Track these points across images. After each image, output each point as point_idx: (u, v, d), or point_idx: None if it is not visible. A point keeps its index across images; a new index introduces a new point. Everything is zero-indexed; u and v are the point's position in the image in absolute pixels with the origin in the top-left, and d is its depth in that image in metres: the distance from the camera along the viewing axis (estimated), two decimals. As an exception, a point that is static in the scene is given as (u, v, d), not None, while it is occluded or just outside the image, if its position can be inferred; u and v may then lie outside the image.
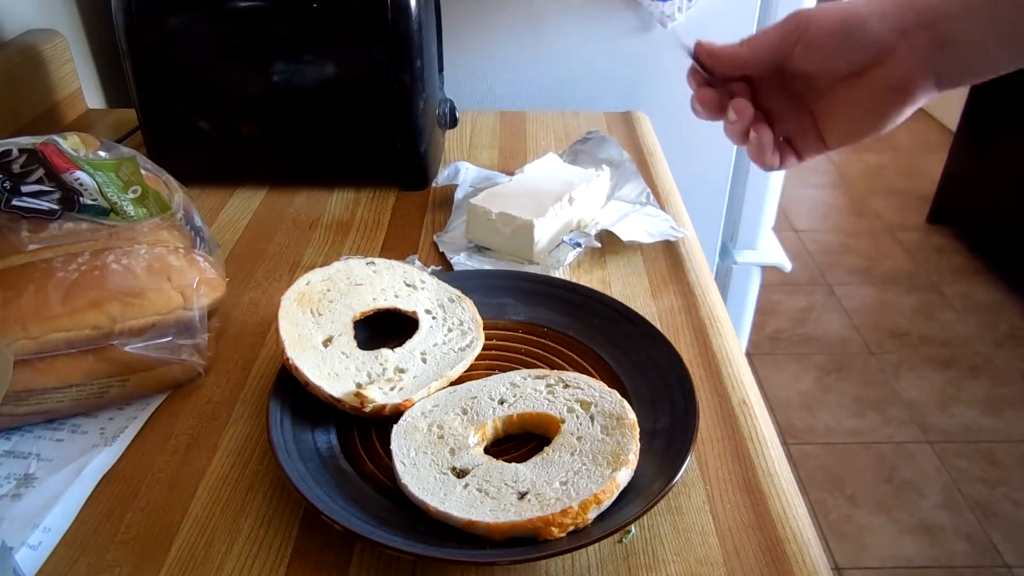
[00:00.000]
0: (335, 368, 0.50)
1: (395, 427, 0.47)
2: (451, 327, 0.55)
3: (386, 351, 0.52)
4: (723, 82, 0.53)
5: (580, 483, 0.42)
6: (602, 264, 0.68)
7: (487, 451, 0.47)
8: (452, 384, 0.51)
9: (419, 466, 0.44)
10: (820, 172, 2.93)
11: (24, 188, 0.51)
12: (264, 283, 0.66)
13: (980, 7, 0.44)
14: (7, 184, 0.51)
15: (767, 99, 0.53)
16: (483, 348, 0.54)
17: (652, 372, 0.52)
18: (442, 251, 0.70)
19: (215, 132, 0.79)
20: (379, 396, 0.48)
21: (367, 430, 0.49)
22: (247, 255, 0.70)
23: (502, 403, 0.48)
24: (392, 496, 0.44)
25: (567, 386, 0.49)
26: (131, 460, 0.49)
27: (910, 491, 1.64)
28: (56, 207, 0.51)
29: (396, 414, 0.48)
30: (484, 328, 0.55)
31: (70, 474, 0.47)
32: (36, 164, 0.53)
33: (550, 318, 0.58)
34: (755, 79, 0.53)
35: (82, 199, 0.53)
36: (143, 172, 0.57)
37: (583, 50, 1.10)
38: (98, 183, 0.54)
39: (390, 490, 0.45)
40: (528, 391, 0.49)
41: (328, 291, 0.56)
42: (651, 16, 1.07)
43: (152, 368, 0.52)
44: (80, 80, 0.98)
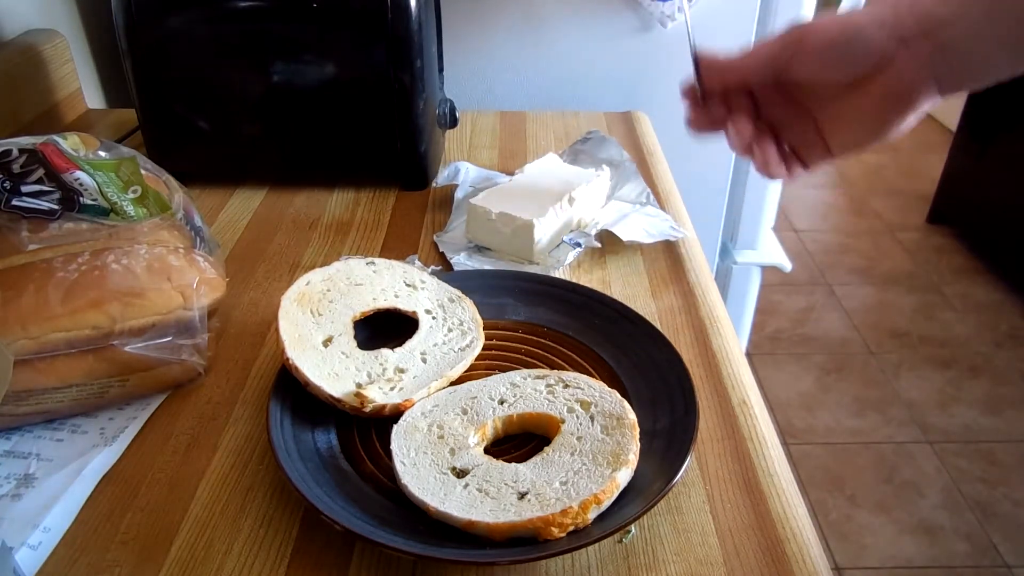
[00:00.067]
0: (335, 368, 0.50)
1: (395, 427, 0.47)
2: (451, 327, 0.55)
3: (386, 351, 0.52)
4: (722, 94, 0.53)
5: (580, 483, 0.42)
6: (602, 264, 0.68)
7: (487, 451, 0.47)
8: (452, 384, 0.51)
9: (419, 466, 0.44)
10: (820, 172, 2.93)
11: (24, 188, 0.51)
12: (264, 283, 0.66)
13: (979, 14, 0.44)
14: (7, 184, 0.51)
15: (770, 110, 0.53)
16: (483, 348, 0.54)
17: (652, 372, 0.52)
18: (442, 251, 0.70)
19: (215, 132, 0.79)
20: (379, 396, 0.48)
21: (367, 430, 0.49)
22: (247, 255, 0.70)
23: (502, 403, 0.48)
24: (392, 496, 0.44)
25: (567, 386, 0.49)
26: (131, 460, 0.49)
27: (910, 491, 1.64)
28: (56, 207, 0.51)
29: (396, 414, 0.48)
30: (484, 328, 0.55)
31: (70, 474, 0.47)
32: (36, 164, 0.53)
33: (550, 318, 0.58)
34: (757, 90, 0.53)
35: (82, 199, 0.53)
36: (143, 172, 0.57)
37: (583, 50, 1.10)
38: (98, 183, 0.54)
39: (390, 490, 0.45)
40: (528, 391, 0.49)
41: (328, 291, 0.56)
42: (651, 16, 1.07)
43: (152, 368, 0.52)
44: (80, 80, 0.98)
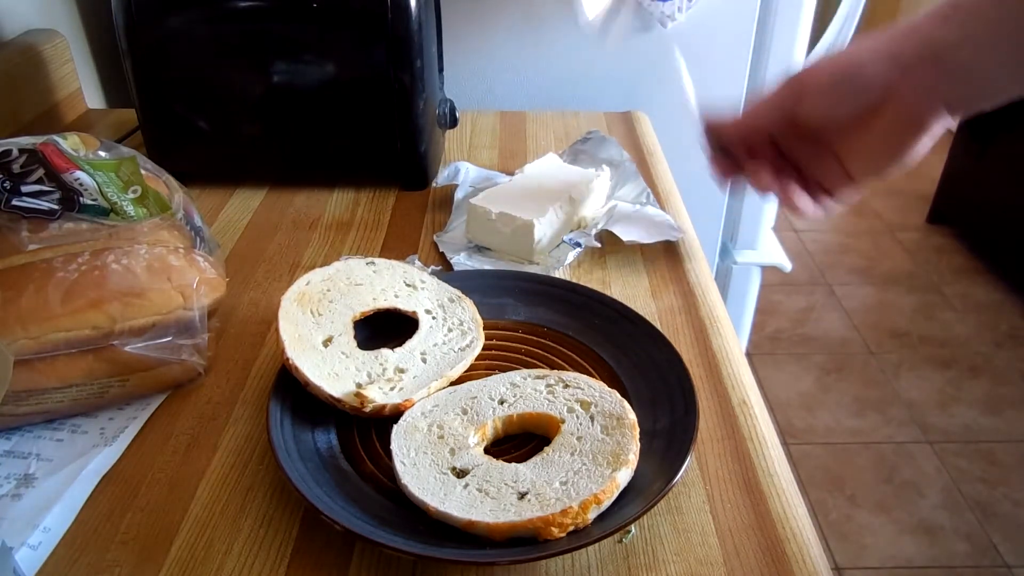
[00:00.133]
0: (335, 368, 0.50)
1: (395, 427, 0.47)
2: (451, 327, 0.55)
3: (386, 351, 0.52)
4: (744, 141, 0.54)
5: (580, 483, 0.42)
6: (602, 264, 0.68)
7: (487, 451, 0.47)
8: (452, 384, 0.51)
9: (419, 466, 0.44)
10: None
11: (24, 188, 0.51)
12: (264, 283, 0.66)
13: (984, 35, 0.44)
14: (7, 184, 0.51)
15: (790, 148, 0.54)
16: (483, 348, 0.54)
17: (652, 372, 0.52)
18: (442, 251, 0.70)
19: (215, 132, 0.79)
20: (379, 396, 0.48)
21: (367, 430, 0.49)
22: (247, 255, 0.70)
23: (502, 403, 0.48)
24: (392, 496, 0.44)
25: (567, 386, 0.49)
26: (131, 460, 0.49)
27: (910, 491, 1.64)
28: (56, 207, 0.51)
29: (396, 414, 0.48)
30: (484, 328, 0.55)
31: (70, 474, 0.47)
32: (36, 164, 0.53)
33: (550, 318, 0.58)
34: (773, 133, 0.53)
35: (82, 199, 0.53)
36: (143, 172, 0.57)
37: (583, 50, 1.10)
38: (98, 183, 0.54)
39: (390, 490, 0.45)
40: (528, 391, 0.49)
41: (328, 291, 0.56)
42: (651, 16, 1.07)
43: (152, 368, 0.52)
44: (80, 80, 0.98)
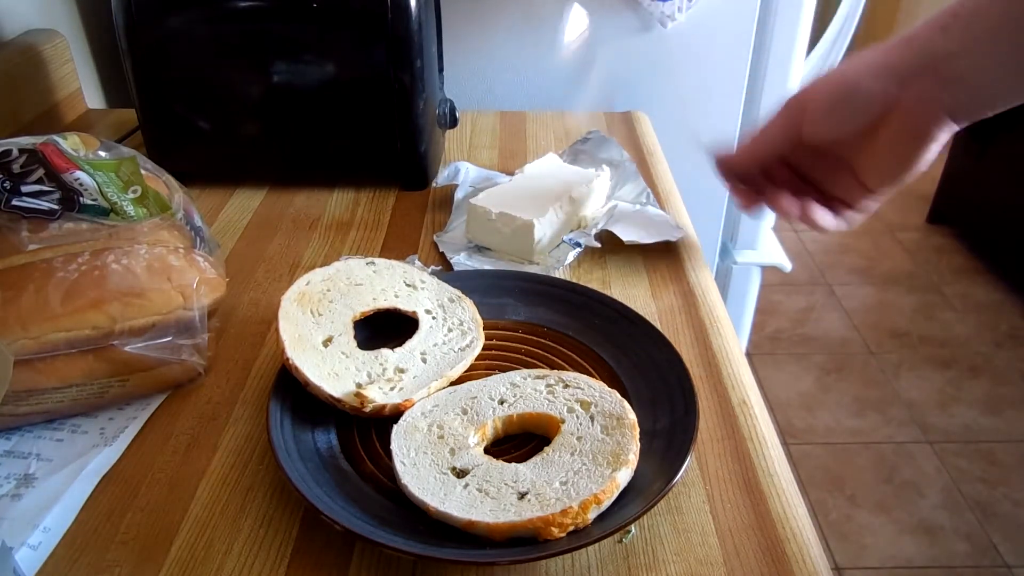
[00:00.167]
0: (335, 368, 0.50)
1: (395, 427, 0.47)
2: (451, 327, 0.55)
3: (386, 351, 0.52)
4: (761, 168, 0.54)
5: (580, 483, 0.42)
6: (602, 264, 0.68)
7: (487, 451, 0.47)
8: (452, 384, 0.51)
9: (419, 466, 0.44)
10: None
11: (24, 188, 0.51)
12: (264, 283, 0.66)
13: (986, 43, 0.43)
14: (7, 184, 0.51)
15: (804, 167, 0.54)
16: (483, 348, 0.54)
17: (652, 372, 0.52)
18: (442, 251, 0.70)
19: (215, 132, 0.79)
20: (379, 396, 0.48)
21: (367, 430, 0.49)
22: (247, 255, 0.70)
23: (502, 403, 0.48)
24: (392, 496, 0.44)
25: (567, 386, 0.49)
26: (131, 460, 0.49)
27: (910, 491, 1.64)
28: (56, 207, 0.51)
29: (396, 414, 0.48)
30: (484, 328, 0.55)
31: (70, 474, 0.47)
32: (36, 164, 0.53)
33: (550, 318, 0.58)
34: (785, 156, 0.54)
35: (82, 199, 0.53)
36: (143, 172, 0.57)
37: (583, 50, 1.10)
38: (98, 183, 0.54)
39: (390, 490, 0.45)
40: (528, 391, 0.49)
41: (328, 291, 0.56)
42: (651, 16, 1.07)
43: (152, 368, 0.52)
44: (80, 80, 0.98)
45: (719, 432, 0.50)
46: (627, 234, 0.68)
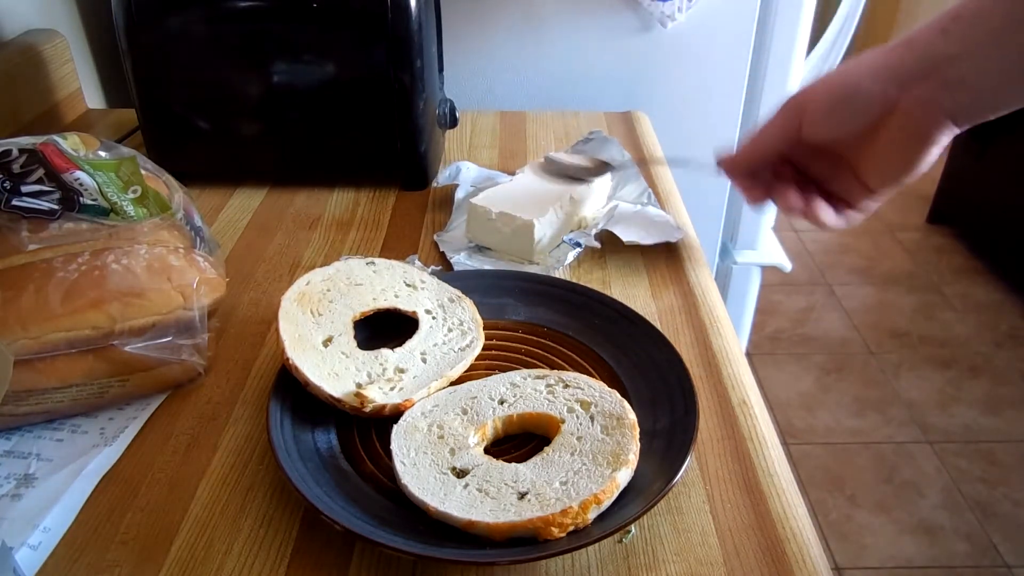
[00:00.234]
0: (335, 368, 0.50)
1: (395, 427, 0.47)
2: (451, 327, 0.55)
3: (386, 351, 0.52)
4: (764, 166, 0.55)
5: (580, 483, 0.42)
6: (602, 264, 0.68)
7: (487, 451, 0.47)
8: (452, 384, 0.51)
9: (419, 466, 0.44)
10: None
11: (24, 188, 0.51)
12: (264, 283, 0.66)
13: (988, 46, 0.43)
14: (7, 184, 0.51)
15: (805, 166, 0.54)
16: (483, 348, 0.54)
17: (652, 372, 0.52)
18: (442, 251, 0.70)
19: (215, 132, 0.79)
20: (379, 396, 0.48)
21: (367, 430, 0.49)
22: (247, 255, 0.70)
23: (502, 403, 0.48)
24: (392, 496, 0.44)
25: (567, 386, 0.49)
26: (131, 460, 0.49)
27: (910, 491, 1.64)
28: (56, 207, 0.51)
29: (396, 414, 0.48)
30: (484, 328, 0.55)
31: (70, 474, 0.47)
32: (36, 164, 0.53)
33: (550, 318, 0.58)
34: (787, 154, 0.54)
35: (82, 199, 0.53)
36: (143, 172, 0.57)
37: (583, 50, 1.10)
38: (98, 183, 0.54)
39: (390, 490, 0.45)
40: (528, 391, 0.49)
41: (328, 291, 0.56)
42: (651, 16, 1.07)
43: (152, 368, 0.52)
44: (80, 80, 0.98)
45: (719, 432, 0.50)
46: (627, 234, 0.68)
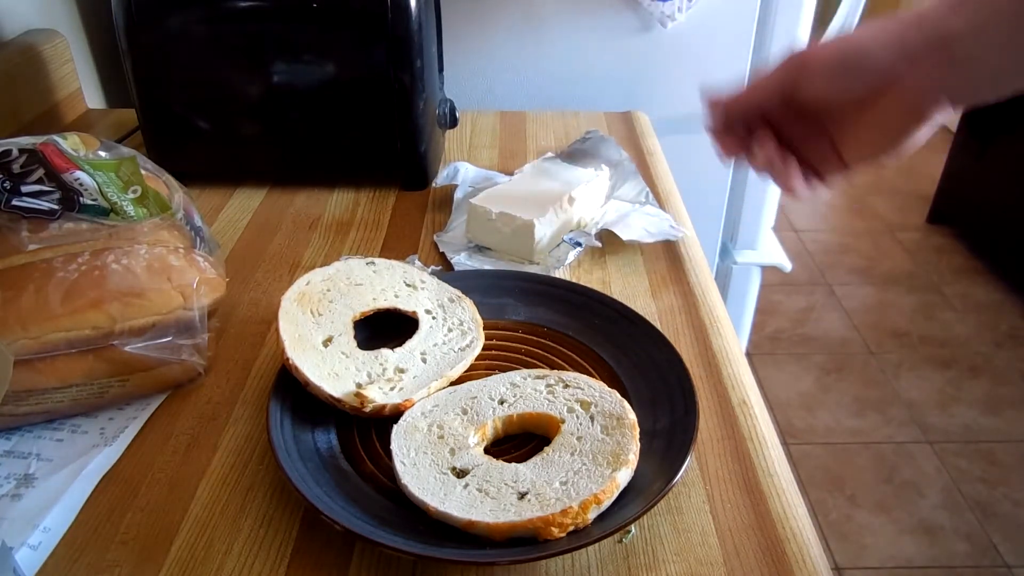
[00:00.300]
0: (335, 368, 0.50)
1: (395, 427, 0.47)
2: (451, 327, 0.55)
3: (386, 351, 0.52)
4: (743, 121, 0.54)
5: (580, 483, 0.42)
6: (602, 264, 0.68)
7: (487, 451, 0.47)
8: (452, 384, 0.51)
9: (419, 466, 0.44)
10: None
11: (24, 188, 0.51)
12: (264, 283, 0.66)
13: (993, 25, 0.43)
14: (7, 184, 0.51)
15: (784, 128, 0.53)
16: (483, 348, 0.54)
17: (652, 372, 0.52)
18: (442, 251, 0.70)
19: (215, 132, 0.79)
20: (379, 396, 0.48)
21: (367, 430, 0.49)
22: (247, 255, 0.70)
23: (502, 403, 0.48)
24: (392, 496, 0.44)
25: (567, 386, 0.49)
26: (131, 460, 0.49)
27: (910, 491, 1.64)
28: (56, 207, 0.51)
29: (396, 414, 0.48)
30: (484, 328, 0.55)
31: (70, 474, 0.47)
32: (36, 164, 0.53)
33: (550, 318, 0.58)
34: (770, 113, 0.53)
35: (82, 199, 0.53)
36: (143, 172, 0.57)
37: (583, 50, 1.10)
38: (98, 183, 0.54)
39: (390, 490, 0.45)
40: (528, 391, 0.49)
41: (328, 291, 0.56)
42: (651, 16, 1.07)
43: (152, 368, 0.52)
44: (80, 80, 0.98)
45: (719, 432, 0.50)
46: (627, 233, 0.68)
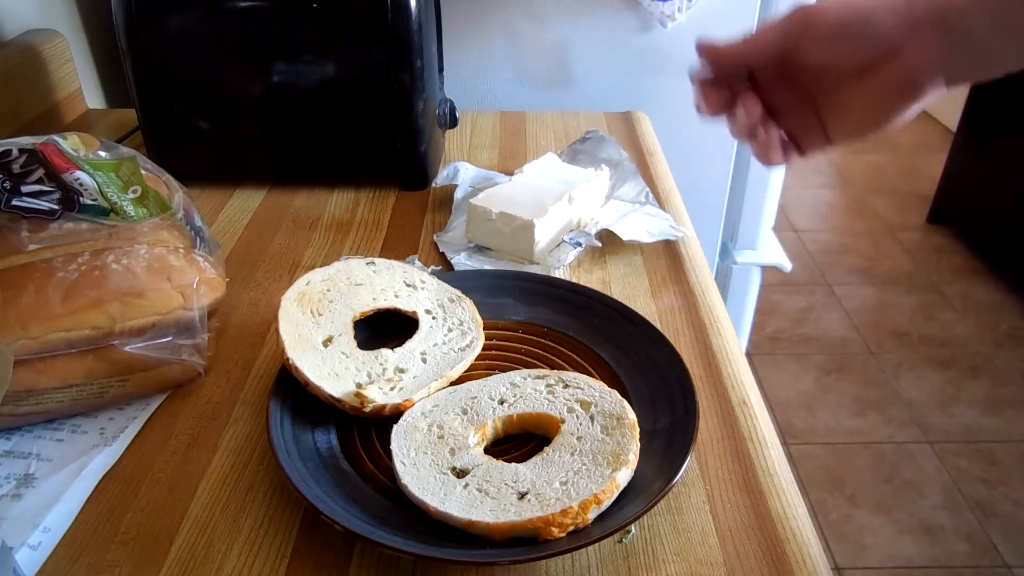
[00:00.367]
0: (335, 368, 0.50)
1: (395, 427, 0.47)
2: (451, 327, 0.55)
3: (386, 351, 0.52)
4: (725, 78, 0.53)
5: (580, 483, 0.42)
6: (602, 264, 0.68)
7: (487, 451, 0.47)
8: (452, 384, 0.51)
9: (419, 466, 0.44)
10: (820, 172, 2.93)
11: (24, 188, 0.51)
12: (264, 283, 0.66)
13: (997, 6, 0.43)
14: (7, 184, 0.51)
15: (770, 94, 0.52)
16: (483, 348, 0.54)
17: (652, 372, 0.52)
18: (442, 251, 0.70)
19: (215, 132, 0.79)
20: (379, 396, 0.48)
21: (367, 430, 0.49)
22: (247, 255, 0.70)
23: (502, 403, 0.48)
24: (392, 496, 0.44)
25: (567, 386, 0.49)
26: (131, 460, 0.49)
27: (910, 491, 1.64)
28: (56, 207, 0.51)
29: (396, 414, 0.48)
30: (484, 328, 0.55)
31: (70, 474, 0.47)
32: (36, 164, 0.53)
33: (550, 318, 0.58)
34: (758, 74, 0.53)
35: (82, 199, 0.53)
36: (143, 172, 0.57)
37: (583, 50, 1.10)
38: (98, 183, 0.54)
39: (390, 490, 0.45)
40: (528, 391, 0.49)
41: (328, 291, 0.56)
42: (651, 16, 1.07)
43: (152, 368, 0.52)
44: (80, 80, 0.98)
45: (719, 432, 0.50)
46: (627, 233, 0.68)
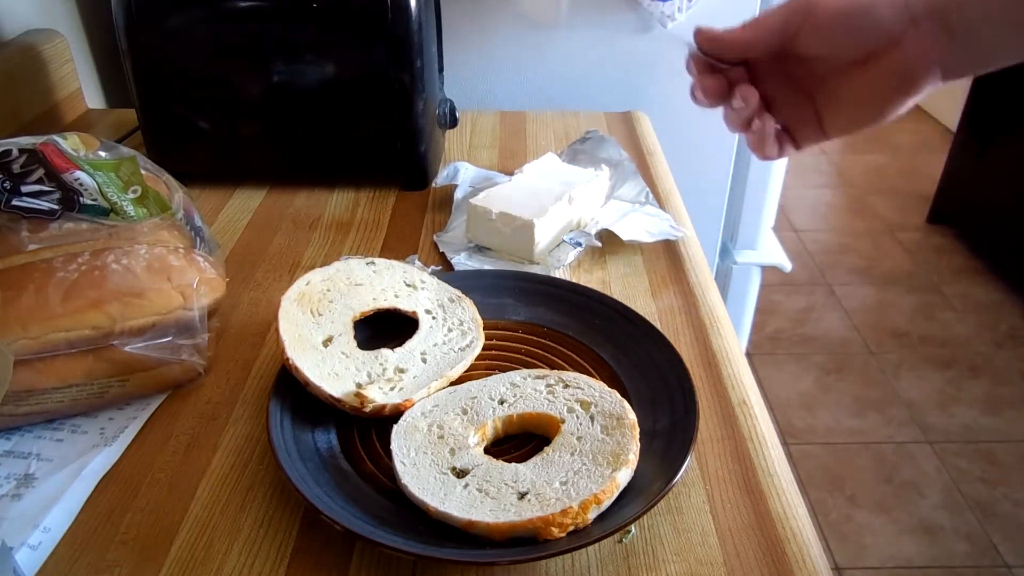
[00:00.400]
0: (335, 368, 0.50)
1: (395, 427, 0.47)
2: (451, 327, 0.55)
3: (386, 351, 0.52)
4: (722, 68, 0.53)
5: (580, 483, 0.42)
6: (602, 264, 0.68)
7: (487, 451, 0.47)
8: (452, 384, 0.51)
9: (419, 466, 0.44)
10: (820, 172, 2.93)
11: (24, 188, 0.51)
12: (264, 283, 0.66)
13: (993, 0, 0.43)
14: (7, 184, 0.51)
15: (766, 86, 0.52)
16: (483, 348, 0.54)
17: (652, 372, 0.52)
18: (442, 251, 0.70)
19: (215, 132, 0.79)
20: (379, 396, 0.48)
21: (367, 430, 0.49)
22: (247, 255, 0.70)
23: (502, 403, 0.48)
24: (392, 496, 0.44)
25: (567, 386, 0.49)
26: (131, 460, 0.49)
27: (910, 491, 1.64)
28: (56, 207, 0.51)
29: (396, 414, 0.48)
30: (484, 328, 0.55)
31: (70, 474, 0.47)
32: (36, 164, 0.53)
33: (550, 318, 0.58)
34: (754, 65, 0.52)
35: (82, 199, 0.53)
36: (143, 172, 0.57)
37: (583, 50, 1.10)
38: (98, 183, 0.54)
39: (390, 490, 0.45)
40: (528, 391, 0.49)
41: (328, 291, 0.56)
42: (651, 16, 1.07)
43: (152, 368, 0.52)
44: (80, 80, 0.98)
45: (719, 432, 0.50)
46: (627, 233, 0.68)
